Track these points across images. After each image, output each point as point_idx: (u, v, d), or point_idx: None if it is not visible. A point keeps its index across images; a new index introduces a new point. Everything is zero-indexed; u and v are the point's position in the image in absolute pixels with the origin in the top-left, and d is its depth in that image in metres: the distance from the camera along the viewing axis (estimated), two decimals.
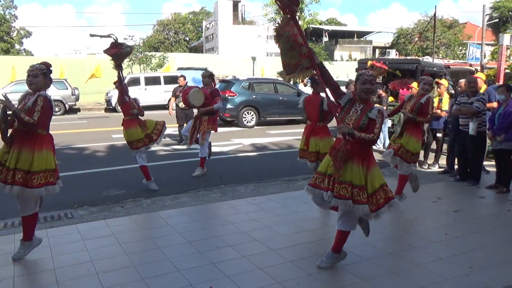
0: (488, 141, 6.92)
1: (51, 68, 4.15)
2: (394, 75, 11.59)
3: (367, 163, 3.57)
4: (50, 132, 4.18)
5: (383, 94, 9.87)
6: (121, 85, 6.28)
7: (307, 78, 14.63)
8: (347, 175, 3.51)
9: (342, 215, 3.68)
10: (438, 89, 8.13)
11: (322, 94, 5.28)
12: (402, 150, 5.45)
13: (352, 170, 3.52)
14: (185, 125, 10.49)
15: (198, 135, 7.38)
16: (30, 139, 3.86)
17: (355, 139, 3.46)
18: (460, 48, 42.33)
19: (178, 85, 11.31)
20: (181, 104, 10.68)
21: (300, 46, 3.53)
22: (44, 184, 3.83)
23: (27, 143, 3.85)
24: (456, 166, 7.28)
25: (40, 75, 4.00)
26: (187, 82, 11.27)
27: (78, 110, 20.90)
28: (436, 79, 9.37)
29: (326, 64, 30.85)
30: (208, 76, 7.42)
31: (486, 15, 29.73)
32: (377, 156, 4.53)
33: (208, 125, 7.34)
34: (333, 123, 4.35)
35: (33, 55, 55.99)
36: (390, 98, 11.11)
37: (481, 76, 7.86)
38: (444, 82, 8.37)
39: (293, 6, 3.59)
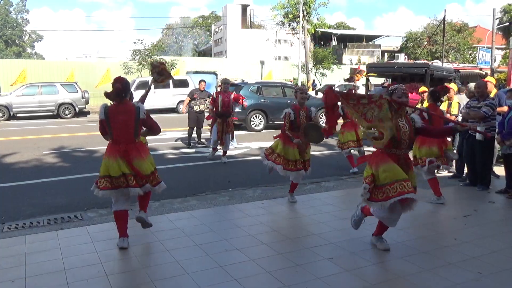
0: (497, 145, 6.87)
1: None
2: (403, 79, 11.59)
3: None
4: (62, 134, 4.28)
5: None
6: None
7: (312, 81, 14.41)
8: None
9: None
10: (448, 94, 8.10)
11: None
12: None
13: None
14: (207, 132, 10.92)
15: (226, 136, 8.86)
16: None
17: None
18: (470, 52, 42.01)
19: (196, 87, 11.39)
20: (196, 108, 10.78)
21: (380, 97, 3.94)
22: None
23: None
24: (465, 171, 7.23)
25: None
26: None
27: (88, 113, 21.09)
28: (445, 83, 9.33)
29: (334, 68, 30.80)
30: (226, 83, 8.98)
31: (496, 18, 29.52)
32: None
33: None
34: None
35: (44, 58, 56.70)
36: None
37: (491, 80, 7.80)
38: (453, 86, 8.34)
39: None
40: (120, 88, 4.23)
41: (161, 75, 5.39)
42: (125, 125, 4.22)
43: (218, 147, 9.20)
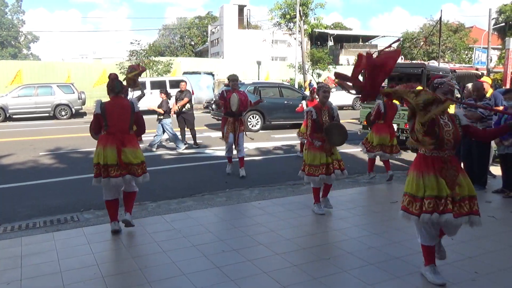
0: (494, 145, 6.89)
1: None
2: (400, 79, 11.62)
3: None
4: (58, 136, 4.31)
5: (164, 98, 10.60)
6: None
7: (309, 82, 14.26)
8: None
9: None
10: None
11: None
12: None
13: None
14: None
15: (239, 135, 7.70)
16: None
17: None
18: (466, 52, 42.15)
19: (179, 90, 11.41)
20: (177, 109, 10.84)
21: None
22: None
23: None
24: None
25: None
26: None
27: (85, 114, 21.04)
28: None
29: (330, 69, 30.83)
30: (235, 80, 7.87)
31: (492, 19, 29.64)
32: None
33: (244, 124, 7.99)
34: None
35: (40, 59, 56.54)
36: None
37: (487, 80, 7.83)
38: None
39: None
40: (114, 78, 4.72)
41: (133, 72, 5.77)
42: (121, 117, 4.61)
43: (234, 152, 7.95)
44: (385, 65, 3.30)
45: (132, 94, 6.63)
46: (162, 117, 10.49)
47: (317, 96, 10.05)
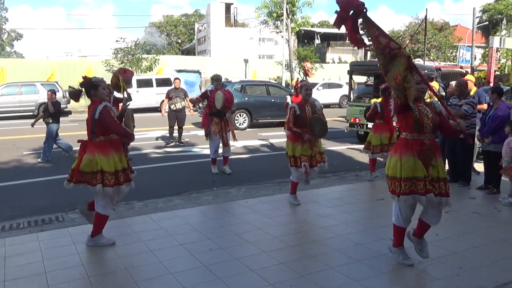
0: (478, 142, 6.99)
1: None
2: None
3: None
4: (42, 135, 4.18)
5: (53, 98, 9.24)
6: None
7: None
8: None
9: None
10: (429, 92, 8.19)
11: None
12: None
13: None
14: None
15: (227, 135, 7.65)
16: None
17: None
18: (451, 50, 42.63)
19: (172, 87, 11.32)
20: (173, 106, 10.75)
21: (399, 49, 3.42)
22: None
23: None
24: (446, 167, 7.33)
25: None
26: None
27: (70, 112, 20.75)
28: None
29: (317, 67, 30.88)
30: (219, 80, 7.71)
31: (476, 17, 30.03)
32: None
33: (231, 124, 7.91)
34: None
35: (24, 57, 55.63)
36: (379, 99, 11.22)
37: (471, 79, 7.93)
38: (435, 84, 8.45)
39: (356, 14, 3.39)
40: (82, 83, 4.27)
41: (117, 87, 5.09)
42: (87, 123, 4.24)
43: (220, 150, 7.80)
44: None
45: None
46: (50, 120, 9.27)
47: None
